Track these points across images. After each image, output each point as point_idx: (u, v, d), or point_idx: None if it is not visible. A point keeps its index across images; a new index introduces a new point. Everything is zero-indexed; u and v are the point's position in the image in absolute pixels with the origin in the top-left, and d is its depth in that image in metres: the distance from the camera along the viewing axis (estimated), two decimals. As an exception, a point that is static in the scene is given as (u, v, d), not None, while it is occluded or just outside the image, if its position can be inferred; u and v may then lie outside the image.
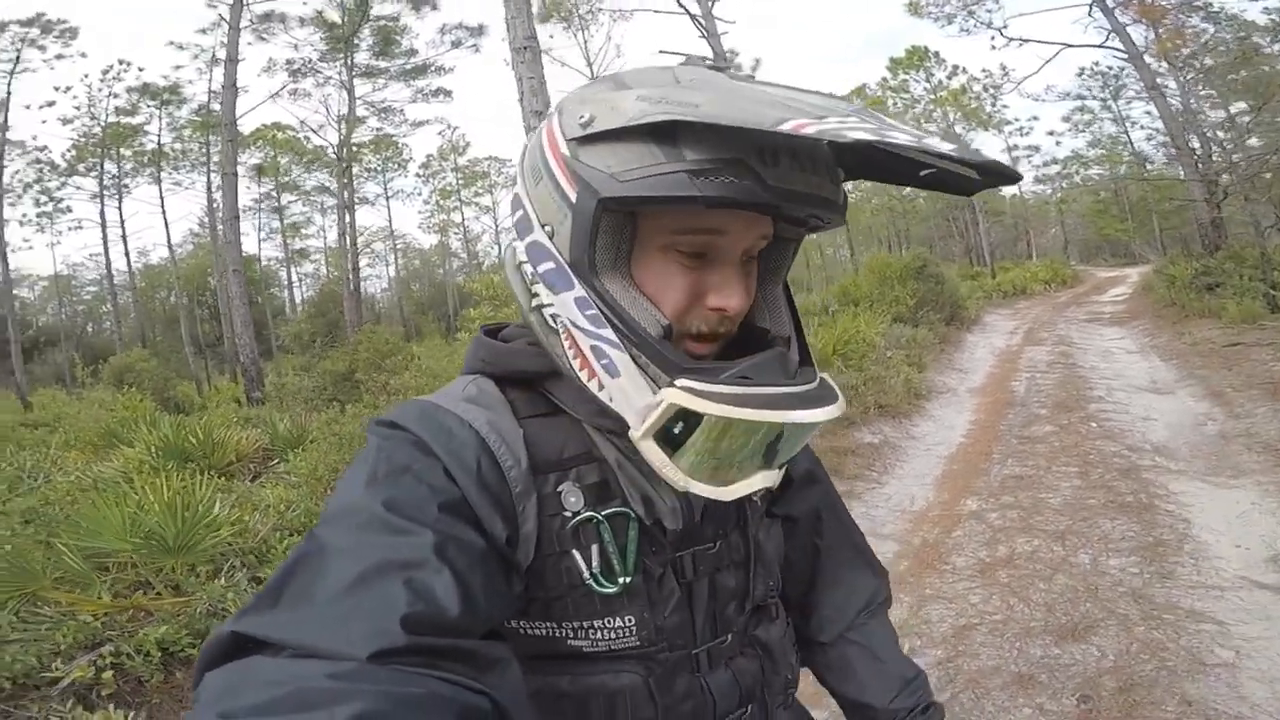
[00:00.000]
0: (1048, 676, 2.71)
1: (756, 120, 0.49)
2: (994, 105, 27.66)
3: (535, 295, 0.64)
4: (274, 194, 30.01)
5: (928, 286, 12.48)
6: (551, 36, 21.59)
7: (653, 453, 0.58)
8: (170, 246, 27.87)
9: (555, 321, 0.62)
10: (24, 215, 23.44)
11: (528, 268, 0.64)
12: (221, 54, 13.69)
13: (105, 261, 26.37)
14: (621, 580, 0.65)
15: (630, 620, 0.66)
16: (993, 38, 18.08)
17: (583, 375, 0.62)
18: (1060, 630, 3.02)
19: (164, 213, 32.50)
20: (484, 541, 0.58)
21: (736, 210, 0.59)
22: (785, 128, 0.48)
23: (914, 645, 3.11)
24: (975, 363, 9.93)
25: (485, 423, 0.64)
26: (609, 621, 0.65)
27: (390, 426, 0.63)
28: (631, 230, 0.61)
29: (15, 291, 21.93)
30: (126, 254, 26.32)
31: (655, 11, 13.36)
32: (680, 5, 11.05)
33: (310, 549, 0.52)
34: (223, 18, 13.19)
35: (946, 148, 0.50)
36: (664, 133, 0.55)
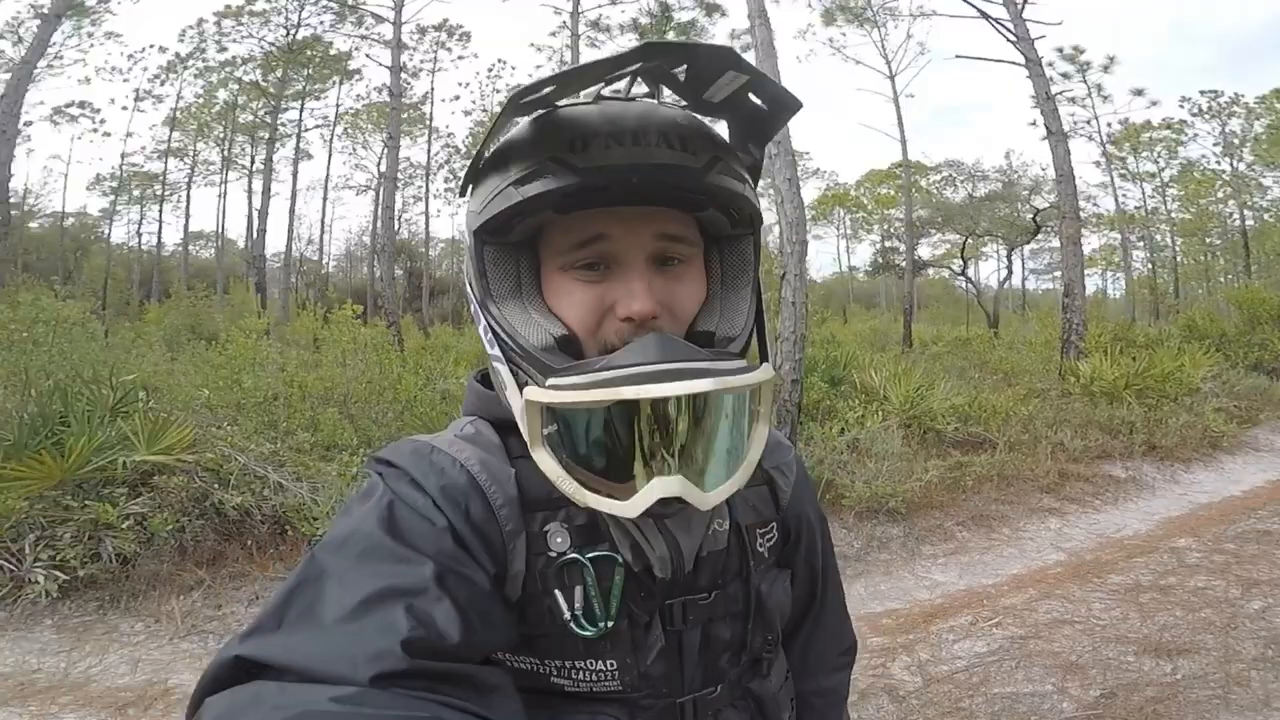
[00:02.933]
0: (1097, 671, 2.77)
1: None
2: None
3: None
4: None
5: (1316, 333, 10.02)
6: (844, 34, 20.46)
7: (546, 463, 0.56)
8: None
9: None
10: (437, 190, 30.68)
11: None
12: (568, 56, 16.36)
13: (482, 230, 33.50)
14: (601, 624, 0.62)
15: (612, 665, 0.64)
16: None
17: (505, 401, 0.62)
18: (1151, 644, 2.95)
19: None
20: (481, 575, 0.57)
21: (601, 210, 0.60)
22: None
23: (1003, 622, 3.26)
24: (1342, 429, 7.88)
25: (477, 462, 0.63)
26: (591, 664, 0.64)
27: (386, 464, 0.63)
28: (531, 259, 0.64)
29: (422, 250, 29.68)
30: (495, 223, 32.96)
31: (952, 16, 12.24)
32: (979, 11, 9.84)
33: (311, 573, 0.52)
34: (565, 24, 15.71)
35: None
36: (499, 162, 0.61)
